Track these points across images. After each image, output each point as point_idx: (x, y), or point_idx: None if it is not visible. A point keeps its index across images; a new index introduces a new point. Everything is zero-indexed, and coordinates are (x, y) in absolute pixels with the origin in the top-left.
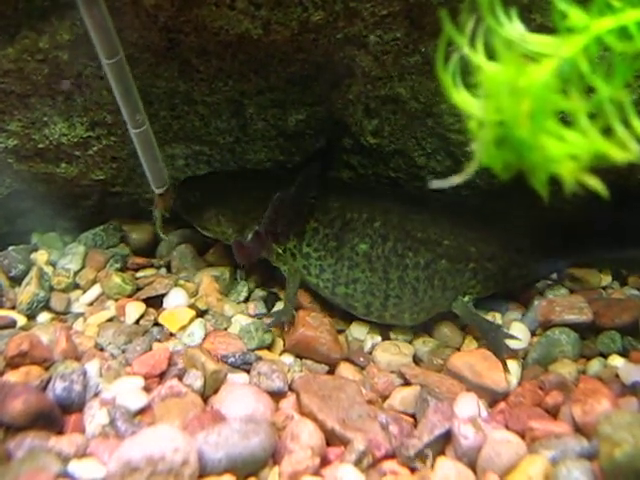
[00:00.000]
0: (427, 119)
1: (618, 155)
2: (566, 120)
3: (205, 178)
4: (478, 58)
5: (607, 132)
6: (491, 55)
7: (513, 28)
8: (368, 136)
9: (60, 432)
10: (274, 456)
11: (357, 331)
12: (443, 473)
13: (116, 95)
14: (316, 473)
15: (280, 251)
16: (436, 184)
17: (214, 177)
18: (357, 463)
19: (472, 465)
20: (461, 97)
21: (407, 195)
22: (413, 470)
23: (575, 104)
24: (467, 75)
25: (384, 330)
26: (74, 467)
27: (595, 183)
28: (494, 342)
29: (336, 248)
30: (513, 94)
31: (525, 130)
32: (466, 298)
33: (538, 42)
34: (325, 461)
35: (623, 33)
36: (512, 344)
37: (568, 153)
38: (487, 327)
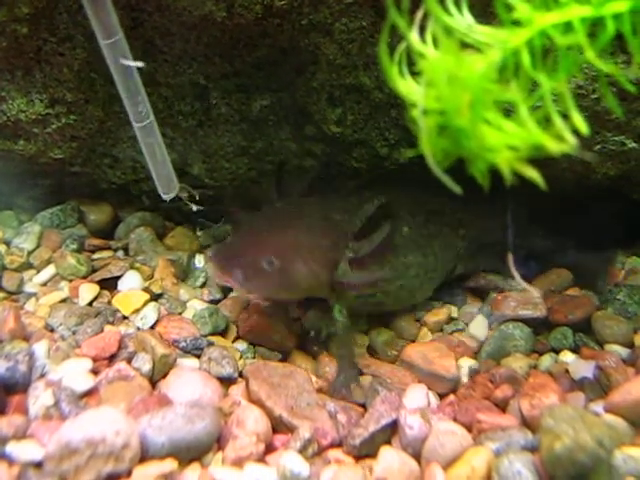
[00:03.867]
0: (391, 110)
1: (554, 147)
2: (511, 112)
3: (252, 237)
4: (419, 46)
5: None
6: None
7: (461, 18)
8: (331, 125)
9: (1, 412)
10: (219, 441)
11: (312, 320)
12: (386, 462)
13: (116, 83)
14: (260, 460)
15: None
16: None
17: (257, 231)
18: (302, 451)
19: (417, 455)
20: (403, 85)
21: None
22: (358, 459)
23: (514, 95)
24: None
25: None
26: (12, 448)
27: (532, 174)
28: None
29: (390, 241)
30: (453, 83)
31: (464, 119)
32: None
33: (483, 33)
34: (270, 448)
35: (568, 27)
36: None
37: (506, 143)
38: None
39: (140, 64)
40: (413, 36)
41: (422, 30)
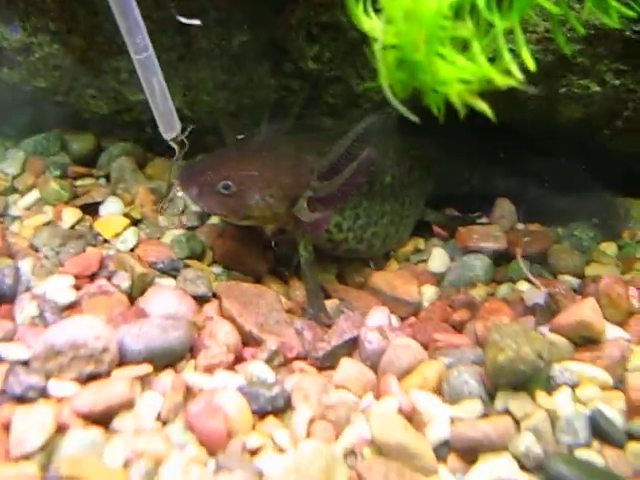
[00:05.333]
0: (366, 48)
1: (502, 80)
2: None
3: (217, 160)
4: None
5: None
6: None
7: None
8: (309, 61)
9: None
10: (192, 351)
11: (285, 247)
12: (345, 372)
13: (113, 11)
14: (229, 368)
15: None
16: None
17: (225, 156)
18: (268, 361)
19: (374, 367)
20: (367, 22)
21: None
22: (320, 369)
23: (467, 31)
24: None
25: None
26: (1, 348)
27: (482, 106)
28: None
29: (369, 189)
30: (410, 20)
31: (420, 54)
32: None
33: None
34: (240, 359)
35: None
36: None
37: (458, 76)
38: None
39: (197, 22)
40: None
41: None
